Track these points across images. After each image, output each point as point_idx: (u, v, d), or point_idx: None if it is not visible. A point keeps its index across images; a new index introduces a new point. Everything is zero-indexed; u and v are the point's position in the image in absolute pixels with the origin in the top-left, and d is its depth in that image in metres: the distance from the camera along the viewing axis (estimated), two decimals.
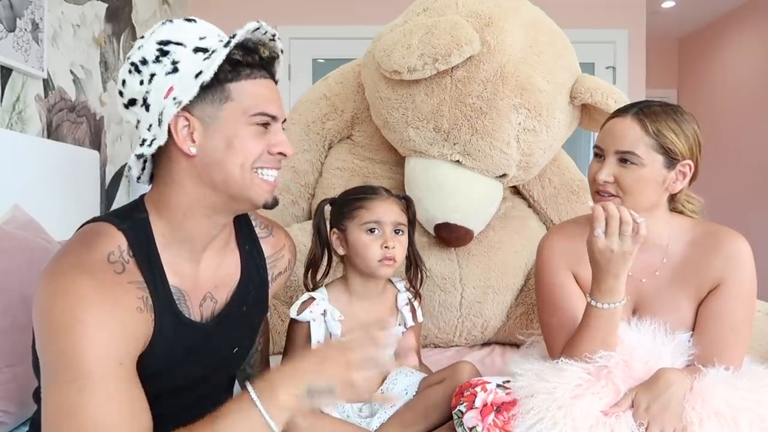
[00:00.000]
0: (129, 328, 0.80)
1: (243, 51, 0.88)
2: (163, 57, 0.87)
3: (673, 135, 1.08)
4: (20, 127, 1.84)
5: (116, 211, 0.91)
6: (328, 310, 1.19)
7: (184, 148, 0.86)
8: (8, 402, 1.16)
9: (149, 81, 0.87)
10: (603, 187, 1.11)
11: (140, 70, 0.87)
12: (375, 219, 1.18)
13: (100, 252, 0.82)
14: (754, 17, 4.28)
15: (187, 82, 0.85)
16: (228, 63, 0.86)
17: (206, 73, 0.83)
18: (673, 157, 1.09)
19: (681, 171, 1.11)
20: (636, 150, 1.08)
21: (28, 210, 1.54)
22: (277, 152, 0.90)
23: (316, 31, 3.52)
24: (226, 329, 0.98)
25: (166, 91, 0.86)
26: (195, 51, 0.88)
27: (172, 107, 0.84)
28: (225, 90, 0.86)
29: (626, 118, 1.11)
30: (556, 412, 0.99)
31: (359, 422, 1.19)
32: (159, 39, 0.88)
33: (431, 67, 1.59)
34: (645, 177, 1.08)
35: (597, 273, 1.03)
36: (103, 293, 0.78)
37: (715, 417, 0.97)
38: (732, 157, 4.51)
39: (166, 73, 0.86)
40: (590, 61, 3.59)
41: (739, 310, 1.09)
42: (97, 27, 2.38)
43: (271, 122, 0.90)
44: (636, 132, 1.08)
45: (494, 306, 1.88)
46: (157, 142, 0.86)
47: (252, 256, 1.05)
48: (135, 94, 0.89)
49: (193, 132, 0.86)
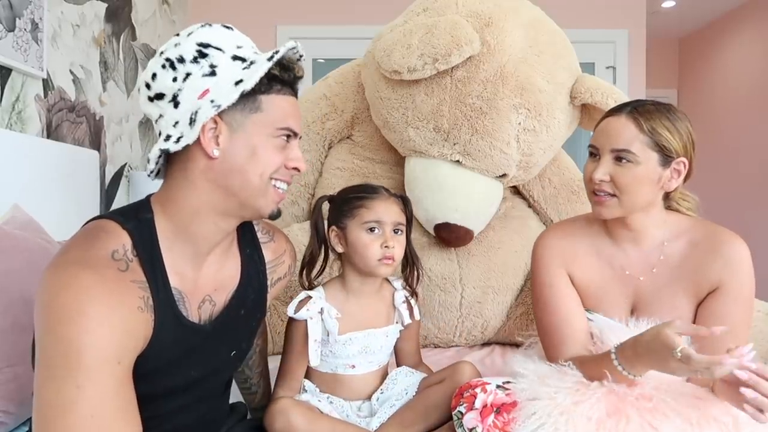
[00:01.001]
0: (130, 327, 0.80)
1: (280, 67, 0.91)
2: (202, 59, 0.89)
3: (668, 132, 1.08)
4: (20, 127, 1.84)
5: (121, 210, 0.91)
6: (325, 308, 1.19)
7: (208, 150, 0.87)
8: (8, 402, 1.16)
9: (183, 79, 0.88)
10: (599, 186, 1.11)
11: (175, 67, 0.89)
12: (376, 218, 1.18)
13: (104, 249, 0.82)
14: (754, 17, 4.28)
15: (226, 88, 0.87)
16: (266, 77, 0.89)
17: (248, 83, 0.86)
18: (667, 154, 1.09)
19: (676, 169, 1.11)
20: (631, 148, 1.08)
21: (28, 210, 1.54)
22: (292, 167, 0.93)
23: (316, 31, 3.53)
24: (224, 332, 0.98)
25: (201, 92, 0.88)
26: (233, 59, 0.90)
27: (209, 109, 0.86)
28: (257, 101, 0.89)
29: (620, 116, 1.11)
30: (558, 417, 0.98)
31: (359, 422, 1.19)
32: (198, 40, 0.90)
33: (431, 67, 1.59)
34: (640, 175, 1.08)
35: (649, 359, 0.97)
36: (106, 289, 0.78)
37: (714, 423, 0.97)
38: (732, 157, 4.52)
39: (203, 75, 0.88)
40: (590, 61, 3.59)
41: (738, 313, 1.09)
42: (97, 27, 2.38)
43: (292, 137, 0.93)
44: (631, 130, 1.09)
45: (494, 306, 1.88)
46: (185, 140, 0.87)
47: (253, 260, 1.05)
48: (165, 89, 0.90)
49: (219, 135, 0.88)
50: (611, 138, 1.10)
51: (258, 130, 0.89)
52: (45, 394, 0.75)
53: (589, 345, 1.15)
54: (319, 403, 1.18)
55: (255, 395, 1.29)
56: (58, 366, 0.75)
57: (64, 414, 0.73)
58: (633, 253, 1.17)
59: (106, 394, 0.75)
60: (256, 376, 1.28)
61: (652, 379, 1.03)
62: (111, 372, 0.76)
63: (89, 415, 0.73)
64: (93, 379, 0.74)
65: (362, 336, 1.22)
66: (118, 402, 0.77)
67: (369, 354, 1.24)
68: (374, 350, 1.24)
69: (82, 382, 0.74)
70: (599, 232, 1.21)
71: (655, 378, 1.02)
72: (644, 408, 1.01)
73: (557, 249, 1.21)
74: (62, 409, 0.73)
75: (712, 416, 0.98)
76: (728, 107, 4.60)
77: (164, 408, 0.91)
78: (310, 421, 1.11)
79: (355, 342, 1.21)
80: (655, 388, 1.03)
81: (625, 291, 1.18)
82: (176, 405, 0.95)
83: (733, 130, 4.52)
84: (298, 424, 1.10)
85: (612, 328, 1.14)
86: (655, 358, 0.94)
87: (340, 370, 1.23)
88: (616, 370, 1.01)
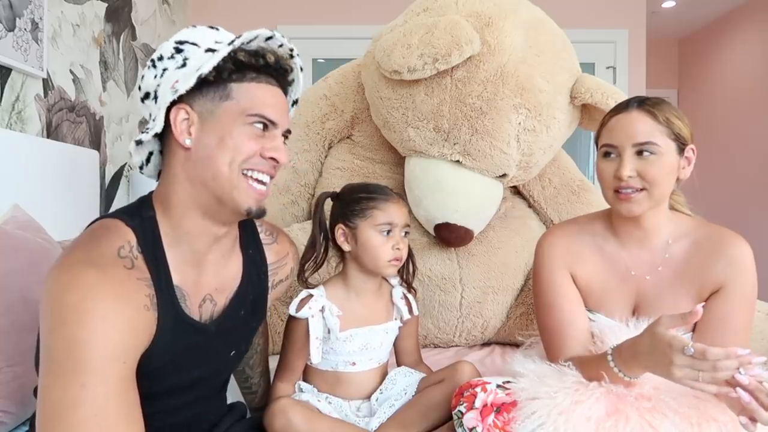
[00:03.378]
0: (135, 326, 0.80)
1: (250, 55, 0.90)
2: (177, 54, 0.92)
3: (679, 121, 1.10)
4: (20, 126, 1.84)
5: (125, 209, 0.92)
6: (326, 306, 1.20)
7: (181, 140, 0.88)
8: (8, 402, 1.16)
9: (161, 75, 0.91)
10: (627, 183, 1.09)
11: (156, 65, 0.92)
12: (389, 221, 1.20)
13: (110, 247, 0.83)
14: (754, 17, 4.28)
15: (188, 75, 0.88)
16: (233, 63, 0.88)
17: (204, 67, 0.86)
18: (682, 142, 1.11)
19: (687, 157, 1.13)
20: (654, 140, 1.09)
21: (28, 210, 1.54)
22: (269, 156, 0.90)
23: (316, 31, 3.52)
24: (224, 332, 0.98)
25: (172, 83, 0.90)
26: (206, 51, 0.92)
27: (169, 95, 0.88)
28: (226, 89, 0.89)
29: (632, 112, 1.11)
30: (557, 417, 0.98)
31: (358, 422, 1.19)
32: (178, 39, 0.93)
33: (431, 67, 1.59)
34: (666, 165, 1.09)
35: (647, 362, 0.96)
36: (113, 288, 0.79)
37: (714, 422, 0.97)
38: (732, 157, 4.52)
39: (176, 68, 0.91)
40: (590, 61, 3.59)
41: (740, 314, 1.09)
42: (97, 27, 2.38)
43: (270, 127, 0.91)
44: (649, 123, 1.09)
45: (494, 306, 1.88)
46: (154, 129, 0.89)
47: (254, 261, 1.05)
48: (149, 88, 0.93)
49: (192, 125, 0.88)
50: (630, 133, 1.10)
51: (228, 117, 0.88)
52: (50, 393, 0.75)
53: (590, 345, 1.15)
54: (319, 403, 1.18)
55: (255, 395, 1.30)
56: (63, 365, 0.74)
57: (69, 413, 0.73)
58: (638, 253, 1.17)
59: (110, 394, 0.75)
60: (256, 376, 1.29)
61: (652, 380, 1.03)
62: (116, 371, 0.76)
63: (94, 414, 0.73)
64: (98, 378, 0.74)
65: (363, 332, 1.23)
66: (123, 401, 0.77)
67: (369, 351, 1.24)
68: (374, 347, 1.24)
69: (87, 381, 0.74)
70: (603, 232, 1.21)
71: (654, 378, 1.02)
72: (643, 408, 1.01)
73: (560, 249, 1.21)
74: (67, 407, 0.73)
75: (711, 416, 0.98)
76: (728, 107, 4.60)
77: (162, 406, 0.91)
78: (309, 420, 1.12)
79: (356, 338, 1.22)
80: (655, 388, 1.03)
81: (628, 291, 1.18)
82: (174, 403, 0.95)
83: (733, 130, 4.52)
84: (297, 424, 1.10)
85: (612, 329, 1.14)
86: (655, 361, 0.93)
87: (341, 367, 1.23)
88: (611, 371, 1.00)
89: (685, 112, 1.16)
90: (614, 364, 1.00)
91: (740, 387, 0.87)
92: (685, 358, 0.87)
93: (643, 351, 0.95)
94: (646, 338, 0.95)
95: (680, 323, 0.91)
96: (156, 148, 0.94)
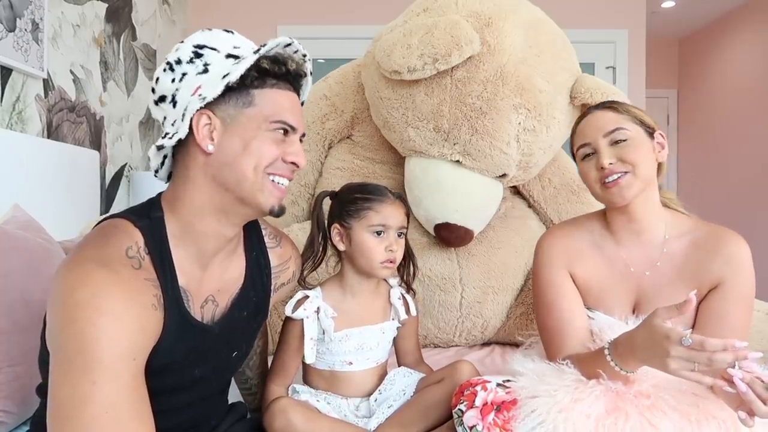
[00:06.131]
0: (143, 324, 0.81)
1: (272, 62, 0.92)
2: (197, 59, 0.91)
3: (639, 111, 1.19)
4: (20, 127, 1.84)
5: (133, 209, 0.93)
6: (322, 308, 1.20)
7: (203, 145, 0.89)
8: (9, 402, 1.16)
9: (180, 79, 0.91)
10: (610, 169, 1.12)
11: (174, 69, 0.92)
12: (383, 222, 1.20)
13: (118, 246, 0.83)
14: (754, 17, 4.28)
15: (214, 82, 0.89)
16: (256, 71, 0.90)
17: (233, 75, 0.87)
18: (648, 126, 1.17)
19: (659, 142, 1.18)
20: (621, 125, 1.15)
21: (28, 210, 1.55)
22: (290, 161, 0.93)
23: (316, 31, 3.53)
24: (226, 333, 0.98)
25: (194, 89, 0.90)
26: (227, 57, 0.92)
27: (196, 102, 0.88)
28: (249, 95, 0.90)
29: (596, 112, 1.19)
30: (557, 415, 0.99)
31: (357, 422, 1.19)
32: (195, 43, 0.93)
33: (431, 67, 1.59)
34: (640, 146, 1.14)
35: (644, 355, 0.95)
36: (121, 287, 0.79)
37: (713, 420, 0.97)
38: (731, 157, 4.52)
39: (197, 73, 0.91)
40: (590, 61, 3.59)
41: (737, 312, 1.10)
42: (97, 27, 2.38)
43: (290, 132, 0.93)
44: (612, 115, 1.17)
45: (494, 306, 1.88)
46: (178, 135, 0.89)
47: (258, 264, 1.06)
48: (166, 91, 0.93)
49: (213, 131, 0.89)
50: (599, 126, 1.16)
51: (251, 124, 0.90)
52: (60, 391, 0.75)
53: (589, 343, 1.15)
54: (318, 403, 1.18)
55: (255, 396, 1.30)
56: (73, 362, 0.75)
57: (80, 410, 0.73)
58: (636, 249, 1.18)
59: (121, 391, 0.75)
60: (256, 377, 1.29)
61: (651, 377, 1.03)
62: (126, 368, 0.77)
63: (105, 411, 0.73)
64: (108, 375, 0.74)
65: (358, 332, 1.23)
66: (134, 398, 0.77)
67: (366, 351, 1.24)
68: (371, 346, 1.24)
69: (98, 378, 0.74)
70: (601, 231, 1.22)
71: (654, 375, 1.02)
72: (643, 405, 1.01)
73: (560, 248, 1.22)
74: (77, 405, 0.73)
75: (710, 413, 0.98)
76: (728, 107, 4.61)
77: (165, 406, 0.92)
78: (309, 420, 1.12)
79: (351, 338, 1.22)
80: (654, 386, 1.03)
81: (628, 288, 1.18)
82: (177, 403, 0.95)
83: (733, 130, 4.52)
84: (297, 424, 1.10)
85: (612, 326, 1.14)
86: (651, 353, 0.93)
87: (338, 366, 1.23)
88: (608, 366, 1.01)
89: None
90: (611, 358, 1.01)
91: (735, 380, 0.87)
92: (681, 350, 0.88)
93: (640, 343, 0.95)
94: (643, 331, 0.95)
95: (676, 313, 0.92)
96: (169, 152, 0.95)
